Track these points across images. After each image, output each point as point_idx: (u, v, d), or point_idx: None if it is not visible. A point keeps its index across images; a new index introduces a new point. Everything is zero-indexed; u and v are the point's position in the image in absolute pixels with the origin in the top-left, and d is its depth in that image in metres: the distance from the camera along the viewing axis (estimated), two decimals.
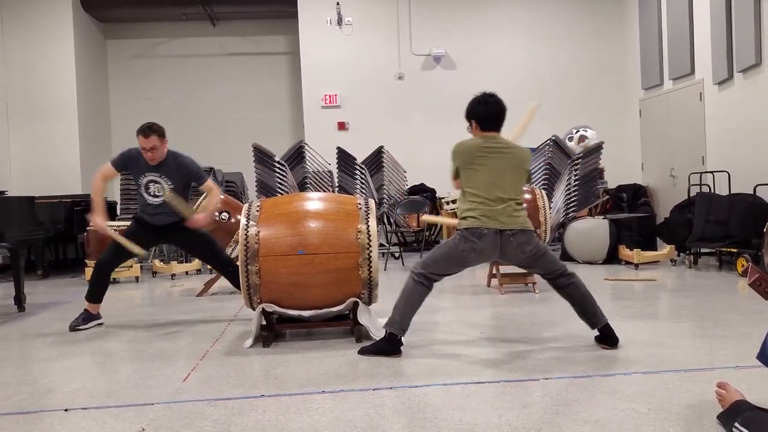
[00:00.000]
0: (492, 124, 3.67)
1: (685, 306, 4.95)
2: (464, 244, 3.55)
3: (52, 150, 10.04)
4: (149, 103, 11.03)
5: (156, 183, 4.74)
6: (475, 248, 3.54)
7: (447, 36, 10.63)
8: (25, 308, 5.66)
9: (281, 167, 8.39)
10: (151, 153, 4.66)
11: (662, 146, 9.68)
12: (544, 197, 6.24)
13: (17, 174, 9.94)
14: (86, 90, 10.49)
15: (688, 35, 8.73)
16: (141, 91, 11.33)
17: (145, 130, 4.65)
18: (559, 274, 3.67)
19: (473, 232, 3.53)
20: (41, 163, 9.98)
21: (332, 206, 4.15)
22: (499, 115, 3.68)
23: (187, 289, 6.81)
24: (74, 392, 3.15)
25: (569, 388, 2.94)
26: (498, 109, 3.68)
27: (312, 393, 2.99)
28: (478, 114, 3.68)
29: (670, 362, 3.31)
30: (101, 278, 4.86)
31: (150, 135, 4.64)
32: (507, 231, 3.54)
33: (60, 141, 10.06)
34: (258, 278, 3.90)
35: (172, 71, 11.42)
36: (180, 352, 3.95)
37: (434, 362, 3.48)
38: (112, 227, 7.51)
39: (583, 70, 10.79)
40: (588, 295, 3.66)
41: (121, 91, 11.44)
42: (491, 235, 3.53)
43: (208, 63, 11.47)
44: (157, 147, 4.66)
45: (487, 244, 3.54)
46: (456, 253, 3.59)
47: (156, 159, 4.69)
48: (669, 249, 7.36)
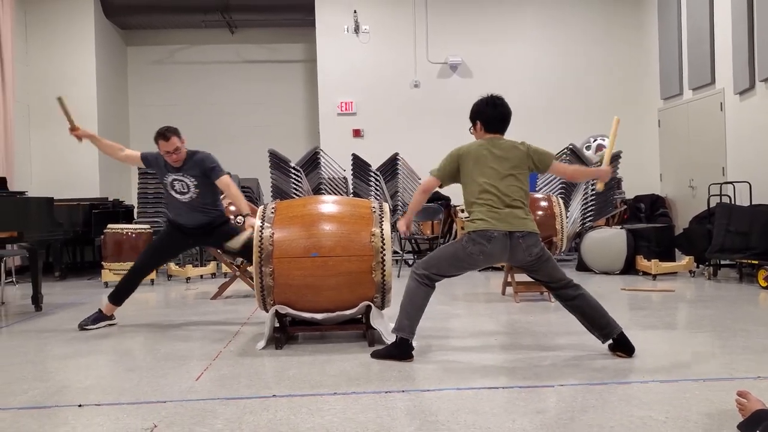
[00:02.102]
0: (498, 127, 3.68)
1: (704, 317, 4.88)
2: (473, 246, 3.52)
3: (71, 154, 10.12)
4: (167, 109, 11.14)
5: (180, 181, 4.78)
6: (485, 251, 3.51)
7: (463, 44, 10.63)
8: (42, 308, 5.71)
9: (297, 173, 8.42)
10: (176, 154, 4.72)
11: (681, 157, 9.59)
12: (561, 204, 6.20)
13: (37, 177, 10.07)
14: (106, 96, 10.61)
15: (708, 44, 8.66)
16: (160, 97, 11.45)
17: (164, 134, 4.70)
18: (565, 284, 3.62)
19: (482, 234, 3.50)
20: (61, 166, 10.10)
21: (346, 209, 4.15)
22: (506, 118, 3.69)
23: (201, 292, 6.84)
24: (88, 389, 3.16)
25: (584, 395, 2.89)
26: (505, 111, 3.69)
27: (324, 394, 2.97)
28: (485, 115, 3.68)
29: (689, 371, 3.25)
30: (132, 282, 4.88)
31: (170, 137, 4.69)
32: (517, 233, 3.51)
33: (79, 145, 10.04)
34: (272, 280, 3.90)
35: (190, 77, 11.53)
36: (193, 352, 3.95)
37: (447, 367, 3.45)
38: (129, 230, 7.59)
39: (600, 78, 10.74)
40: (598, 306, 3.59)
41: (140, 97, 11.57)
42: (501, 238, 3.49)
43: (226, 70, 11.57)
44: (180, 147, 4.73)
45: (497, 247, 3.50)
46: (463, 255, 3.56)
47: (180, 160, 4.74)
48: (688, 260, 7.26)
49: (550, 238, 5.91)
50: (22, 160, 9.72)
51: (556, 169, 3.81)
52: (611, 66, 10.75)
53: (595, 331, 3.60)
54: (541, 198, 6.31)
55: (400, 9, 10.68)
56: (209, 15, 10.80)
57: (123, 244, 7.53)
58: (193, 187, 4.76)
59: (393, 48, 10.65)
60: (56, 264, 8.43)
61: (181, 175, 4.77)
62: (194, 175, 4.77)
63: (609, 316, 3.58)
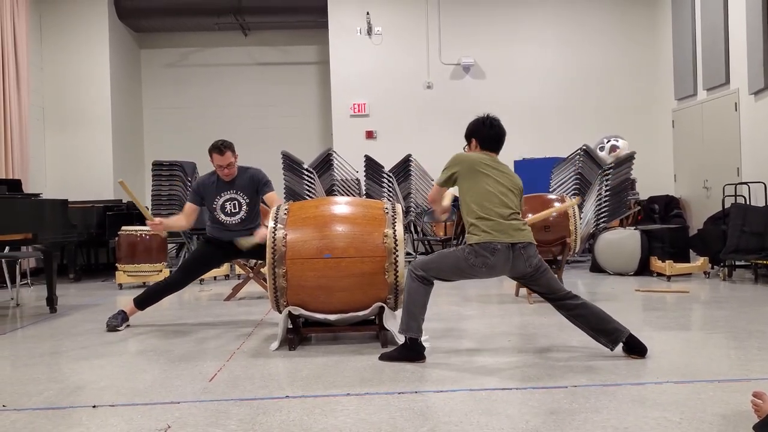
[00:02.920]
0: (493, 146, 3.76)
1: (719, 317, 4.84)
2: (475, 258, 3.53)
3: (86, 156, 10.26)
4: (181, 111, 11.23)
5: (233, 200, 4.80)
6: (488, 263, 3.52)
7: (476, 45, 10.62)
8: (57, 309, 5.76)
9: (309, 174, 8.44)
10: (228, 169, 4.75)
11: (696, 157, 9.52)
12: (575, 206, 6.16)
13: (52, 179, 10.17)
14: (120, 98, 10.70)
15: (723, 43, 8.60)
16: (173, 100, 11.53)
17: (220, 148, 4.72)
18: (564, 295, 3.62)
19: (485, 246, 3.51)
20: (75, 168, 10.20)
21: (359, 210, 4.15)
22: (500, 138, 3.78)
23: (215, 294, 6.87)
24: (102, 390, 3.19)
25: (598, 396, 2.88)
26: (500, 132, 3.77)
27: (337, 395, 2.98)
28: (481, 134, 3.76)
29: (704, 372, 3.23)
30: (163, 294, 4.89)
31: (225, 151, 4.72)
32: (518, 244, 3.54)
33: (94, 147, 10.27)
34: (285, 281, 3.91)
35: (203, 80, 11.60)
36: (206, 353, 3.97)
37: (460, 368, 3.45)
38: (143, 233, 7.63)
39: (614, 78, 10.69)
40: (602, 313, 3.58)
41: (154, 99, 11.65)
42: (504, 250, 3.51)
43: (239, 72, 11.63)
44: (233, 163, 4.77)
45: (500, 259, 3.52)
46: (465, 266, 3.57)
47: (231, 175, 4.77)
48: (702, 261, 7.21)
49: (564, 239, 5.88)
50: (36, 162, 9.83)
51: None
52: (625, 66, 10.70)
53: (602, 338, 3.58)
54: (555, 199, 6.28)
55: (413, 10, 10.69)
56: (222, 17, 10.86)
57: (137, 246, 7.58)
58: (246, 205, 4.80)
59: (406, 49, 10.66)
60: (71, 266, 8.50)
61: (234, 192, 4.79)
62: (246, 191, 4.80)
63: (614, 321, 3.56)
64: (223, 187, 4.82)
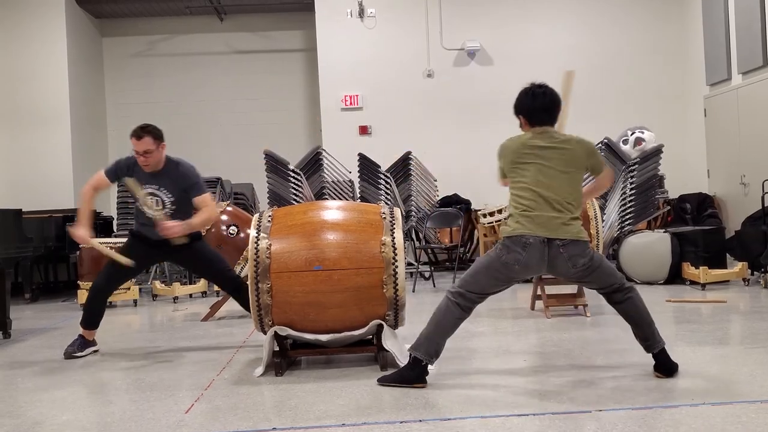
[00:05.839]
0: (541, 118, 3.63)
1: (760, 330, 4.85)
2: (507, 254, 3.50)
3: (41, 159, 10.22)
4: (149, 107, 11.20)
5: (154, 196, 4.71)
6: (520, 260, 3.47)
7: (482, 27, 10.64)
8: (11, 335, 5.73)
9: (296, 176, 8.45)
10: (145, 157, 4.67)
11: (731, 150, 9.54)
12: (596, 206, 6.19)
13: (3, 186, 10.11)
14: (80, 93, 10.70)
15: (759, 21, 8.63)
16: (140, 94, 11.52)
17: (138, 132, 4.69)
18: (616, 288, 3.61)
19: (516, 240, 3.48)
20: (30, 174, 10.16)
21: (353, 216, 4.16)
22: (548, 107, 3.64)
23: (191, 314, 6.86)
24: (64, 425, 3.18)
25: (626, 422, 2.88)
26: (546, 100, 3.64)
27: (330, 426, 2.98)
28: (524, 107, 3.66)
29: (744, 393, 3.24)
30: (97, 303, 4.88)
31: (143, 136, 4.66)
32: (557, 240, 3.47)
33: (51, 149, 10.24)
34: (269, 297, 3.91)
35: (174, 71, 11.60)
36: (182, 381, 3.97)
37: (470, 392, 3.45)
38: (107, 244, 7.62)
39: (636, 61, 10.70)
40: (645, 315, 3.61)
41: (119, 94, 11.65)
42: (537, 245, 3.46)
43: (215, 62, 11.64)
44: (151, 151, 4.66)
45: (533, 255, 3.46)
46: (498, 265, 3.53)
47: (150, 165, 4.70)
48: (741, 267, 7.23)
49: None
50: None
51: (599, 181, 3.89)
52: (649, 49, 10.72)
53: (639, 340, 3.64)
54: None
55: None
56: (194, 0, 10.88)
57: (102, 260, 7.54)
58: (169, 204, 4.73)
59: (403, 33, 10.67)
60: (26, 284, 8.45)
61: (156, 188, 4.73)
62: (171, 189, 4.72)
63: (654, 328, 3.60)
64: (143, 177, 4.74)
